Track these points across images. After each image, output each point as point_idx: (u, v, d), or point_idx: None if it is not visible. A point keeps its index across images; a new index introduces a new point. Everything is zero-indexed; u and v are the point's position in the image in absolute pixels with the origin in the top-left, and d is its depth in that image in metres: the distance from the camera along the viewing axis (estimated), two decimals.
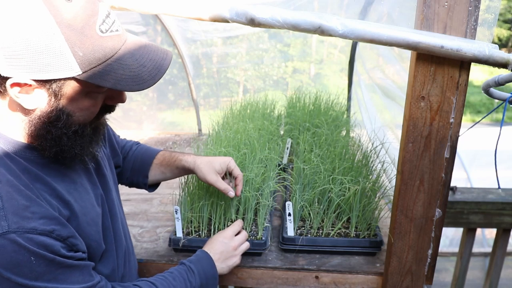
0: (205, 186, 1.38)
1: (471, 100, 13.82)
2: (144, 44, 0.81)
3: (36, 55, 0.68)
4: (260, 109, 2.33)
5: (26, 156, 0.81)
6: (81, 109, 0.80)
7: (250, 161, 1.49)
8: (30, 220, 0.73)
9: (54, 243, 0.76)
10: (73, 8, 0.69)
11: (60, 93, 0.75)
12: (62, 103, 0.77)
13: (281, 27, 0.90)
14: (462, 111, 0.97)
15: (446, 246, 4.22)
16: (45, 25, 0.67)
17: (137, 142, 1.40)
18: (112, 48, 0.74)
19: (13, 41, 0.67)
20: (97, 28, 0.71)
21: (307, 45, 4.82)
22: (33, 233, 0.73)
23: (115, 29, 0.75)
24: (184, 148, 2.73)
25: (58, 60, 0.69)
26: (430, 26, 0.89)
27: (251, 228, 1.41)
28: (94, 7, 0.72)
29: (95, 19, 0.71)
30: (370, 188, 1.36)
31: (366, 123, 2.45)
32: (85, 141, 0.85)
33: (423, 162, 1.01)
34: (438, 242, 1.09)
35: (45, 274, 0.75)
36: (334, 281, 1.27)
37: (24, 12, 0.66)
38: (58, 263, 0.76)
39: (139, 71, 0.77)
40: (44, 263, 0.74)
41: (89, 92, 0.78)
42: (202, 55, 3.55)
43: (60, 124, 0.78)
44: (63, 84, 0.74)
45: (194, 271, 1.07)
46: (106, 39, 0.73)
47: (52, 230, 0.76)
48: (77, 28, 0.69)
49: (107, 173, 1.06)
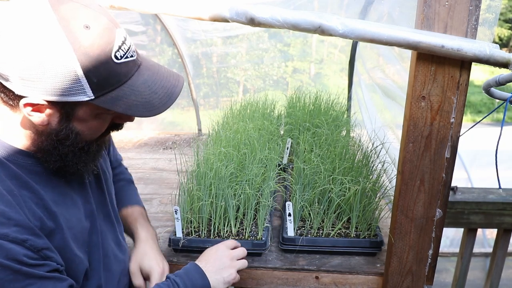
0: (205, 186, 1.38)
1: (472, 100, 13.81)
2: (157, 69, 0.82)
3: (51, 79, 0.69)
4: (260, 109, 2.33)
5: (19, 162, 0.80)
6: (90, 128, 0.81)
7: (250, 161, 1.49)
8: (3, 226, 0.71)
9: (24, 253, 0.72)
10: (90, 36, 0.70)
11: (72, 115, 0.76)
12: (72, 123, 0.78)
13: (281, 26, 0.90)
14: (463, 111, 0.97)
15: (446, 247, 4.22)
16: (62, 51, 0.68)
17: (120, 165, 1.35)
18: (125, 74, 0.76)
19: (30, 65, 0.68)
20: (112, 55, 0.73)
21: (307, 45, 4.81)
22: (3, 239, 0.70)
23: (130, 55, 0.77)
24: (184, 148, 2.73)
25: (73, 85, 0.71)
26: (431, 26, 0.89)
27: (251, 228, 1.40)
28: (111, 34, 0.73)
29: (111, 46, 0.72)
30: (371, 188, 1.36)
31: (366, 123, 2.44)
32: (90, 158, 0.86)
33: (423, 162, 1.01)
34: (439, 242, 1.09)
35: (11, 282, 0.71)
36: (334, 282, 1.27)
37: (42, 37, 0.67)
38: (25, 273, 0.73)
39: (151, 97, 0.78)
40: (10, 272, 0.71)
41: (99, 114, 0.80)
42: (202, 55, 3.55)
43: (68, 142, 0.79)
44: (75, 106, 0.75)
45: (180, 284, 0.98)
46: (120, 66, 0.74)
47: (26, 239, 0.73)
48: (93, 56, 0.70)
49: (105, 188, 1.05)
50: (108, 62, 0.72)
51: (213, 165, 1.41)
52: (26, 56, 0.67)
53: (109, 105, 0.75)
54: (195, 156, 1.50)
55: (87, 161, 0.86)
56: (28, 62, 0.68)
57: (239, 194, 1.38)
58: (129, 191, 1.28)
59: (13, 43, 0.67)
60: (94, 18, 0.71)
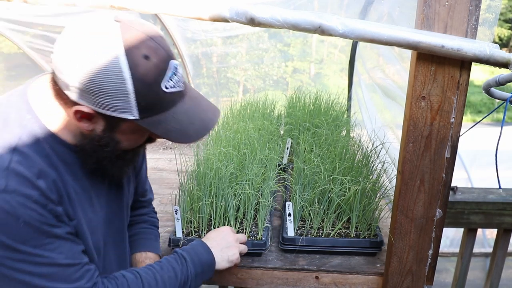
0: (205, 186, 1.38)
1: (472, 100, 13.81)
2: (199, 101, 0.91)
3: (106, 95, 0.77)
4: (260, 109, 2.33)
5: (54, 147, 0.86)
6: (129, 140, 0.89)
7: (250, 161, 1.49)
8: (28, 189, 0.77)
9: (45, 214, 0.79)
10: (148, 65, 0.77)
11: (116, 127, 0.84)
12: (114, 134, 0.86)
13: (281, 26, 0.90)
14: (463, 111, 0.97)
15: (446, 247, 4.22)
16: (121, 74, 0.76)
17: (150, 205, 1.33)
18: (171, 102, 0.84)
19: (91, 80, 0.75)
20: (163, 84, 0.80)
21: (307, 45, 4.82)
22: (28, 200, 0.76)
23: (178, 85, 0.84)
24: (184, 148, 2.73)
25: (123, 104, 0.78)
26: (431, 26, 0.89)
27: (251, 228, 1.40)
28: (165, 65, 0.80)
29: (163, 76, 0.80)
30: (371, 188, 1.36)
31: (366, 123, 2.44)
32: (124, 164, 0.94)
33: (423, 162, 1.01)
34: (439, 242, 1.09)
35: (32, 239, 0.77)
36: (334, 282, 1.27)
37: (107, 59, 0.75)
38: (46, 232, 0.79)
39: (188, 127, 0.86)
40: (32, 229, 0.77)
41: (139, 130, 0.87)
42: (202, 55, 3.55)
43: (108, 149, 0.87)
44: (120, 121, 0.82)
45: (186, 258, 1.03)
46: (168, 95, 0.82)
47: (47, 204, 0.79)
48: (146, 83, 0.78)
49: (124, 198, 1.08)
50: (157, 91, 0.80)
51: (213, 165, 1.41)
52: (89, 72, 0.75)
53: (150, 126, 0.83)
54: (195, 156, 1.50)
55: (121, 167, 0.94)
56: (90, 78, 0.75)
57: (239, 194, 1.38)
58: (149, 236, 1.25)
59: (80, 58, 0.75)
60: (154, 50, 0.79)
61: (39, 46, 3.55)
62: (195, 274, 1.03)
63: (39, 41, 3.51)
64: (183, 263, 1.02)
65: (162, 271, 0.98)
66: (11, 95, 0.88)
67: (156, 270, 0.98)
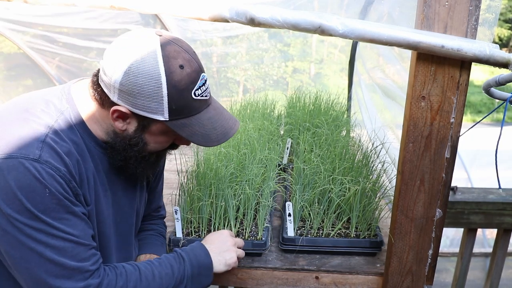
0: (205, 186, 1.38)
1: (472, 100, 13.80)
2: (221, 111, 1.00)
3: (144, 98, 0.87)
4: (260, 109, 2.33)
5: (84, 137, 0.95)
6: (156, 142, 0.98)
7: (250, 161, 1.49)
8: (59, 164, 0.85)
9: (68, 190, 0.86)
10: (182, 74, 0.88)
11: (147, 128, 0.94)
12: (144, 135, 0.95)
13: (281, 26, 0.90)
14: (463, 111, 0.97)
15: (446, 247, 4.22)
16: (159, 81, 0.86)
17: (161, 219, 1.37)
18: (197, 108, 0.93)
19: (132, 83, 0.86)
20: (192, 92, 0.90)
21: (307, 45, 4.82)
22: (56, 172, 0.84)
23: (205, 95, 0.94)
24: (184, 148, 2.73)
25: (156, 106, 0.88)
26: (431, 26, 0.89)
27: (251, 228, 1.40)
28: (197, 76, 0.91)
29: (194, 85, 0.90)
30: (370, 188, 1.36)
31: (366, 123, 2.44)
32: (147, 166, 1.02)
33: (423, 162, 1.01)
34: (439, 242, 1.09)
35: (52, 211, 0.83)
36: (334, 282, 1.27)
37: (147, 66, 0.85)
38: (66, 206, 0.85)
39: (210, 132, 0.95)
40: (55, 200, 0.83)
41: (167, 133, 0.96)
42: (202, 55, 3.55)
43: (136, 148, 0.96)
44: (151, 122, 0.92)
45: (185, 258, 1.06)
46: (195, 101, 0.92)
47: (71, 180, 0.87)
48: (179, 89, 0.88)
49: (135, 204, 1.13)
50: (188, 97, 0.90)
51: (213, 165, 1.41)
52: (131, 76, 0.86)
53: (177, 128, 0.92)
54: (195, 156, 1.50)
55: (145, 168, 1.02)
56: (131, 81, 0.86)
57: (239, 194, 1.38)
58: (155, 241, 1.27)
59: (124, 63, 0.86)
60: (188, 61, 0.89)
61: (39, 46, 3.55)
62: (191, 275, 1.05)
63: (39, 41, 3.51)
64: (180, 262, 1.05)
65: (160, 267, 1.01)
66: (57, 87, 0.99)
67: (155, 266, 1.01)
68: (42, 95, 0.96)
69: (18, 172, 0.80)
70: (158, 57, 0.86)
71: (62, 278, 0.84)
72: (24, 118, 0.88)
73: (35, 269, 0.83)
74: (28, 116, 0.89)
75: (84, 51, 3.47)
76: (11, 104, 0.94)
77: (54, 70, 3.80)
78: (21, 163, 0.81)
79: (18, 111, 0.90)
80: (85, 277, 0.87)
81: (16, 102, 0.94)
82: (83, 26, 3.33)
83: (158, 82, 0.86)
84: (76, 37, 3.43)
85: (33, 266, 0.83)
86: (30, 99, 0.94)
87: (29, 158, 0.81)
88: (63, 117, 0.92)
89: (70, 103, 0.94)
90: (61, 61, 3.77)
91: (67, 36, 3.44)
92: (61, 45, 3.51)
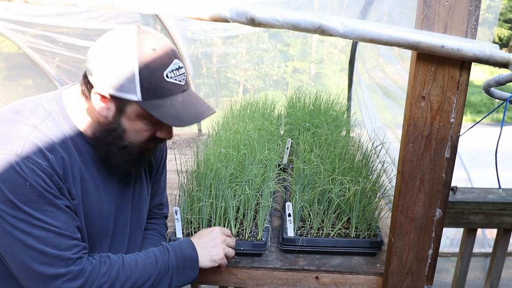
0: (205, 187, 1.38)
1: (472, 100, 13.80)
2: (196, 98, 1.03)
3: (118, 77, 0.92)
4: (260, 109, 2.33)
5: (72, 136, 1.00)
6: (135, 130, 1.00)
7: (250, 161, 1.49)
8: (39, 158, 0.90)
9: (50, 183, 0.90)
10: (153, 54, 0.93)
11: (123, 111, 0.96)
12: (122, 120, 0.98)
13: (281, 26, 0.90)
14: (463, 111, 0.97)
15: (446, 247, 4.22)
16: (130, 60, 0.91)
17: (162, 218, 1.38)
18: (169, 90, 0.96)
19: (108, 63, 0.92)
20: (164, 73, 0.94)
21: (307, 45, 4.82)
22: (37, 167, 0.89)
23: (178, 79, 0.97)
24: (184, 148, 2.73)
25: (129, 85, 0.92)
26: (431, 26, 0.89)
27: (251, 229, 1.40)
28: (169, 59, 0.95)
29: (166, 67, 0.94)
30: (370, 188, 1.36)
31: (366, 123, 2.44)
32: (130, 159, 1.04)
33: (423, 162, 1.01)
34: (439, 242, 1.09)
35: (34, 203, 0.88)
36: (334, 282, 1.27)
37: (123, 48, 0.92)
38: (48, 199, 0.90)
39: (182, 113, 0.97)
40: (35, 193, 0.88)
41: (144, 118, 0.98)
42: (202, 55, 3.55)
43: (115, 134, 0.99)
44: (127, 104, 0.95)
45: (169, 249, 1.09)
46: (167, 83, 0.95)
47: (53, 174, 0.91)
48: (150, 68, 0.92)
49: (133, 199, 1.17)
50: (159, 77, 0.93)
51: (213, 165, 1.41)
52: (108, 56, 0.92)
53: (149, 108, 0.94)
54: (195, 157, 1.50)
55: (127, 160, 1.04)
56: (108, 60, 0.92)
57: (239, 194, 1.38)
58: (154, 241, 1.28)
59: (103, 47, 0.93)
60: (161, 46, 0.95)
61: (39, 46, 3.55)
62: (176, 266, 1.08)
63: (39, 41, 3.51)
64: (165, 253, 1.08)
65: (145, 257, 1.05)
66: (51, 92, 1.05)
67: (139, 256, 1.05)
68: (34, 99, 1.02)
69: (1, 166, 0.87)
70: (133, 40, 0.92)
71: (45, 265, 0.90)
72: (12, 118, 0.95)
73: (20, 256, 0.89)
74: (16, 117, 0.95)
75: (84, 51, 3.47)
76: (5, 108, 1.00)
77: (54, 70, 3.80)
78: (3, 158, 0.87)
79: (8, 113, 0.97)
80: (68, 264, 0.92)
81: (10, 106, 1.01)
82: (83, 26, 3.33)
83: (131, 61, 0.91)
84: (76, 37, 3.44)
85: (18, 253, 0.89)
86: (22, 102, 1.01)
87: (11, 153, 0.88)
88: (52, 117, 0.98)
89: (60, 104, 1.01)
90: (61, 61, 3.77)
91: (67, 36, 3.44)
92: (61, 45, 3.51)
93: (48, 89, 3.87)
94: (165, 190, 1.37)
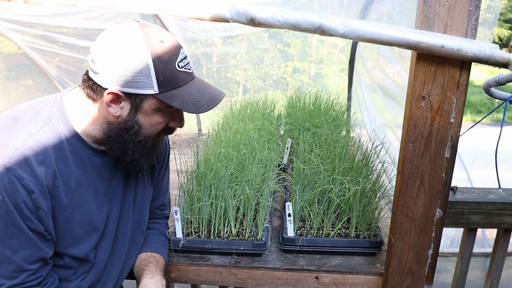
0: (205, 187, 1.38)
1: (472, 100, 13.80)
2: (205, 83, 1.05)
3: (133, 74, 0.91)
4: (260, 109, 2.33)
5: (71, 141, 0.98)
6: (151, 123, 1.00)
7: (250, 161, 1.49)
8: (24, 171, 0.88)
9: (26, 200, 0.88)
10: (163, 46, 0.93)
11: (139, 107, 0.96)
12: (138, 116, 0.98)
13: (281, 26, 0.90)
14: (463, 111, 0.97)
15: (446, 247, 4.22)
16: (143, 55, 0.91)
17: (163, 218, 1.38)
18: (183, 79, 0.97)
19: (120, 62, 0.91)
20: (176, 63, 0.95)
21: (307, 45, 4.82)
22: (18, 180, 0.87)
23: (188, 68, 0.99)
24: (184, 148, 2.73)
25: (145, 80, 0.92)
26: (431, 26, 0.89)
27: (251, 228, 1.40)
28: (177, 50, 0.97)
29: (177, 57, 0.96)
30: (370, 188, 1.36)
31: (366, 123, 2.44)
32: (144, 152, 1.04)
33: (423, 162, 1.01)
34: (439, 242, 1.09)
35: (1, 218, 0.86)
36: (334, 282, 1.27)
37: (131, 44, 0.91)
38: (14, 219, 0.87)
39: (199, 99, 0.99)
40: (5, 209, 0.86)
41: (160, 110, 0.98)
42: (202, 55, 3.55)
43: (132, 131, 0.99)
44: (143, 99, 0.95)
45: None
46: (180, 73, 0.97)
47: (34, 191, 0.89)
48: (163, 60, 0.93)
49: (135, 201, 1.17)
50: (172, 67, 0.94)
51: (213, 165, 1.41)
52: (118, 55, 0.91)
53: (168, 99, 0.95)
54: (195, 157, 1.50)
55: (142, 154, 1.04)
56: (119, 59, 0.90)
57: (239, 194, 1.38)
58: (157, 241, 1.28)
59: (110, 46, 0.91)
60: (167, 37, 0.96)
61: (39, 46, 3.54)
62: None
63: (39, 41, 3.50)
64: None
65: None
66: (51, 96, 1.03)
67: None
68: (36, 104, 1.01)
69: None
70: (139, 36, 0.92)
71: None
72: (9, 126, 0.94)
73: None
74: (14, 124, 0.94)
75: (84, 51, 3.47)
76: (6, 113, 1.00)
77: (54, 70, 3.80)
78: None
79: (7, 120, 0.96)
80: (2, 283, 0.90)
81: (11, 111, 1.00)
82: (83, 26, 3.33)
83: (143, 55, 0.91)
84: (76, 37, 3.43)
85: None
86: (22, 108, 1.00)
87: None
88: (51, 124, 0.97)
89: (60, 110, 0.99)
90: (61, 61, 3.77)
91: (67, 36, 3.43)
92: (61, 45, 3.50)
93: (48, 89, 3.87)
94: (167, 191, 1.36)
